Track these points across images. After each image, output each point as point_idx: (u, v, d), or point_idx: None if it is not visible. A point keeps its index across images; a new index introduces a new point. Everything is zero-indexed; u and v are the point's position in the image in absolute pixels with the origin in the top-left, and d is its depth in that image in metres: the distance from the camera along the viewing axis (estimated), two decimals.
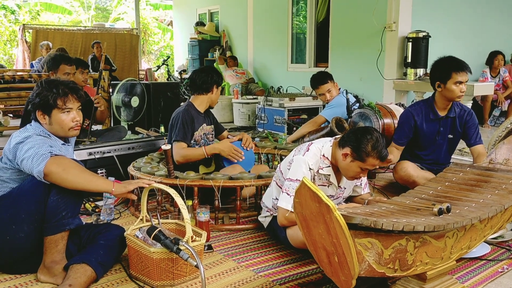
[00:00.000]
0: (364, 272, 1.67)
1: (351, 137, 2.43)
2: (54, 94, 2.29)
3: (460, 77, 3.28)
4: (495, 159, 2.65)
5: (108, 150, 3.74)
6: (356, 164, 2.41)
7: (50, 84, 2.33)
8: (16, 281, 2.25)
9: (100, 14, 20.12)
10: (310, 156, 2.50)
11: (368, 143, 2.36)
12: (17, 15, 17.54)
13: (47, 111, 2.30)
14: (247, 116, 7.52)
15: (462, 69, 3.29)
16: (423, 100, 3.69)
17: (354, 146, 2.39)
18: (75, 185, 2.12)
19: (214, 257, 2.57)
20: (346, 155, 2.42)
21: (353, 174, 2.47)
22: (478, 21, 7.59)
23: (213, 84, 3.40)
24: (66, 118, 2.32)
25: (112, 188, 2.21)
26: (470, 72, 3.33)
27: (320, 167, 2.52)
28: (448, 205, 1.95)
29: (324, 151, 2.53)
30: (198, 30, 11.13)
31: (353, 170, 2.44)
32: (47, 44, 9.48)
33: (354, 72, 7.39)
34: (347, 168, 2.45)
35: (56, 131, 2.34)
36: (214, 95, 3.44)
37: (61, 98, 2.30)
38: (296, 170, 2.47)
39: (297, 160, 2.51)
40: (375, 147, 2.36)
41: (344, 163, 2.45)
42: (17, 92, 7.04)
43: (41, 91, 2.30)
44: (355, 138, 2.40)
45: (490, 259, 2.55)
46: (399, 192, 2.53)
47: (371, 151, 2.35)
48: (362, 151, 2.36)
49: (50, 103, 2.28)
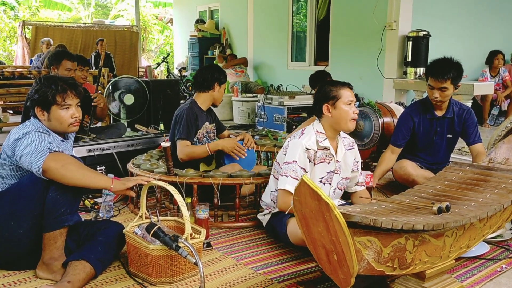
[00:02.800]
0: (363, 270, 1.67)
1: (317, 100, 2.65)
2: (53, 90, 2.28)
3: (432, 82, 3.30)
4: (494, 158, 2.65)
5: (107, 147, 3.73)
6: (340, 106, 2.56)
7: (49, 80, 2.32)
8: (15, 277, 2.25)
9: (100, 11, 20.08)
10: (305, 138, 2.58)
11: (327, 87, 2.60)
12: (16, 11, 17.52)
13: (46, 108, 2.30)
14: (246, 114, 7.52)
15: (434, 75, 3.28)
16: (420, 100, 3.69)
17: (324, 98, 2.59)
18: (74, 181, 2.12)
19: (213, 255, 2.57)
20: (328, 108, 2.58)
21: (348, 115, 2.57)
22: (478, 21, 7.58)
23: (214, 81, 3.36)
24: (65, 114, 2.32)
25: (110, 184, 2.21)
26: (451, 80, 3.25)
27: (319, 140, 2.59)
28: (447, 204, 1.95)
29: (316, 128, 2.64)
30: (198, 27, 11.12)
31: (344, 112, 2.56)
32: (48, 40, 9.47)
33: (354, 70, 7.39)
34: (340, 115, 2.57)
35: (55, 127, 2.34)
36: (216, 93, 3.40)
37: (60, 95, 2.29)
38: (292, 152, 2.55)
39: (293, 143, 2.58)
40: (333, 83, 2.63)
41: (335, 114, 2.58)
42: (17, 88, 7.03)
43: (40, 87, 2.29)
44: (318, 96, 2.64)
45: (489, 258, 2.55)
46: (399, 191, 2.52)
47: (335, 87, 2.59)
48: (330, 93, 2.57)
49: (49, 99, 2.28)
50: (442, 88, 3.27)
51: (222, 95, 3.46)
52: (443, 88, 3.27)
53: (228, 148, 3.25)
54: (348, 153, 2.75)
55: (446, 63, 3.31)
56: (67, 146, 2.44)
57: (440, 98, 3.32)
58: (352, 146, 2.80)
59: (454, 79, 3.27)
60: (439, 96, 3.31)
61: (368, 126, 4.10)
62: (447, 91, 3.29)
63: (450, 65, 3.28)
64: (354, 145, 2.83)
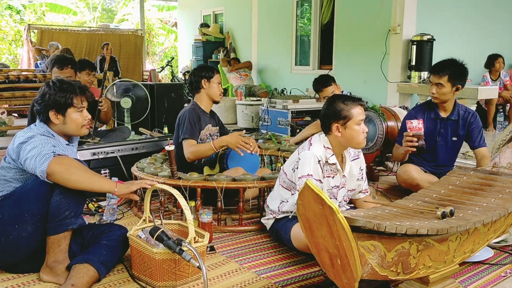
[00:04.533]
0: (366, 275, 1.67)
1: (325, 116, 2.55)
2: (71, 93, 2.32)
3: (431, 78, 3.38)
4: (499, 162, 2.64)
5: (111, 150, 3.75)
6: (352, 126, 2.48)
7: (63, 84, 2.36)
8: (18, 280, 2.26)
9: (105, 15, 20.17)
10: (315, 149, 2.53)
11: (338, 105, 2.49)
12: (22, 15, 17.62)
13: (62, 111, 2.32)
14: (250, 117, 7.53)
15: (433, 70, 3.38)
16: (425, 102, 3.73)
17: (334, 116, 2.49)
18: (78, 185, 2.13)
19: (216, 258, 2.57)
20: (337, 128, 2.50)
21: (359, 135, 2.50)
22: (483, 25, 7.58)
23: (200, 79, 3.38)
24: (80, 116, 2.37)
25: (114, 188, 2.22)
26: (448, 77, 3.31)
27: (327, 157, 2.55)
28: (451, 209, 1.94)
29: (323, 142, 2.58)
30: (203, 31, 11.15)
31: (355, 132, 2.49)
32: (56, 45, 9.50)
33: (358, 74, 7.39)
34: (351, 135, 2.50)
35: (69, 130, 2.37)
36: (208, 89, 3.40)
37: (77, 97, 2.35)
38: (305, 165, 2.48)
39: (304, 155, 2.52)
40: (344, 100, 2.50)
41: (345, 135, 2.50)
42: (22, 92, 7.07)
43: (55, 91, 2.31)
44: (328, 113, 2.53)
45: (493, 263, 2.54)
46: (403, 195, 2.53)
47: (346, 106, 2.48)
48: (341, 112, 2.48)
49: (67, 102, 2.31)
50: (438, 84, 3.35)
51: (216, 90, 3.42)
52: (439, 84, 3.34)
53: (233, 143, 3.18)
54: (353, 164, 2.72)
55: (448, 61, 3.39)
56: (72, 150, 2.45)
57: (437, 94, 3.39)
58: (357, 156, 2.76)
59: (452, 77, 3.32)
60: (435, 91, 3.38)
61: (372, 130, 4.09)
62: (443, 88, 3.35)
63: (450, 63, 3.37)
64: (359, 154, 2.78)
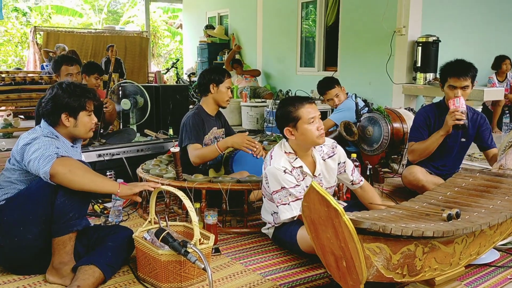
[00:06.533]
0: (372, 277, 1.67)
1: (278, 122, 2.57)
2: (86, 97, 2.36)
3: (454, 82, 3.28)
4: (505, 165, 2.64)
5: (117, 152, 3.76)
6: (302, 126, 2.47)
7: (76, 88, 2.37)
8: (25, 282, 2.27)
9: (111, 17, 20.25)
10: (276, 161, 2.52)
11: (286, 108, 2.50)
12: (28, 17, 17.73)
13: (75, 114, 2.34)
14: (255, 119, 7.53)
15: (456, 73, 3.27)
16: (435, 103, 3.71)
17: (284, 120, 2.51)
18: (81, 186, 2.13)
19: (221, 260, 2.58)
20: (290, 131, 2.50)
21: (313, 134, 2.48)
22: (488, 26, 7.55)
23: (209, 83, 3.33)
24: (89, 120, 2.41)
25: (117, 189, 2.21)
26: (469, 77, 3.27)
27: (290, 161, 2.54)
28: (457, 211, 1.94)
29: (285, 149, 2.58)
30: (208, 33, 11.16)
31: (307, 131, 2.47)
32: (63, 47, 9.55)
33: (363, 76, 7.38)
34: (305, 135, 2.48)
35: (79, 133, 2.40)
36: (216, 94, 3.35)
37: (90, 101, 2.39)
38: (275, 180, 2.49)
39: (269, 171, 2.53)
40: (292, 102, 2.50)
41: (299, 135, 2.49)
42: (28, 93, 7.12)
43: (69, 94, 2.32)
44: (278, 118, 2.55)
45: (499, 265, 2.52)
46: (408, 197, 2.52)
47: (293, 107, 2.47)
48: (289, 115, 2.48)
49: (82, 105, 2.34)
50: (465, 86, 3.28)
51: (224, 95, 3.36)
52: (465, 86, 3.28)
53: (238, 143, 3.13)
54: (329, 161, 2.68)
55: (464, 62, 3.35)
56: (76, 151, 2.46)
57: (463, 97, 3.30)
58: (332, 152, 2.70)
59: (473, 77, 3.32)
60: (461, 95, 3.28)
61: (377, 132, 4.08)
62: (468, 89, 3.30)
63: (468, 63, 3.33)
64: (335, 149, 2.70)
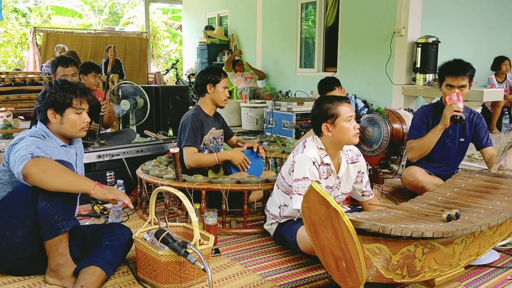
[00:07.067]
0: (372, 277, 1.67)
1: (314, 118, 2.59)
2: (70, 93, 2.32)
3: (452, 81, 3.30)
4: (504, 165, 2.63)
5: (117, 152, 3.76)
6: (340, 124, 2.50)
7: (65, 83, 2.36)
8: (24, 282, 2.27)
9: (111, 17, 20.25)
10: (310, 151, 2.53)
11: (325, 104, 2.53)
12: (28, 18, 17.71)
13: (60, 110, 2.32)
14: (255, 120, 7.53)
15: (454, 72, 3.29)
16: (433, 103, 3.71)
17: (322, 116, 2.53)
18: (55, 186, 2.07)
19: (221, 261, 2.58)
20: (327, 127, 2.52)
21: (349, 132, 2.51)
22: (487, 27, 7.56)
23: (206, 83, 3.35)
24: (78, 118, 2.36)
25: (91, 190, 2.13)
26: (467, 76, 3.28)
27: (321, 157, 2.55)
28: (457, 212, 1.94)
29: (317, 143, 2.59)
30: (207, 34, 11.16)
31: (345, 129, 2.50)
32: (62, 47, 9.54)
33: (363, 77, 7.38)
34: (341, 133, 2.51)
35: (66, 131, 2.36)
36: (213, 94, 3.37)
37: (77, 98, 2.34)
38: (301, 168, 2.49)
39: (299, 158, 2.52)
40: (330, 100, 2.54)
41: (336, 132, 2.51)
42: (28, 94, 7.11)
43: (56, 90, 2.31)
44: (316, 114, 2.57)
45: (498, 266, 2.53)
46: (408, 197, 2.52)
47: (332, 105, 2.51)
48: (328, 112, 2.51)
49: (66, 102, 2.31)
50: (462, 86, 3.29)
51: (221, 95, 3.37)
52: (463, 86, 3.29)
53: (237, 159, 3.29)
54: (351, 167, 2.71)
55: (462, 62, 3.36)
56: (68, 152, 2.42)
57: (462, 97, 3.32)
58: (356, 159, 2.74)
59: (471, 77, 3.33)
60: None
61: (377, 133, 4.09)
62: (465, 89, 3.31)
63: (466, 63, 3.35)
64: (359, 157, 2.76)
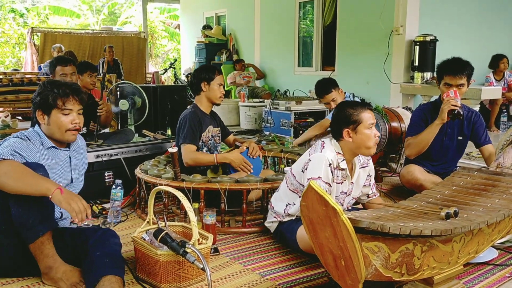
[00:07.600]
0: (370, 276, 1.67)
1: (336, 122, 2.57)
2: (54, 93, 2.28)
3: (450, 80, 3.29)
4: (502, 163, 2.64)
5: (115, 152, 3.75)
6: (362, 130, 2.48)
7: (52, 84, 2.34)
8: (24, 283, 2.26)
9: (108, 17, 20.23)
10: (328, 152, 2.51)
11: (347, 110, 2.51)
12: (25, 18, 17.68)
13: (47, 111, 2.30)
14: (253, 119, 7.53)
15: (452, 71, 3.28)
16: (432, 101, 3.71)
17: (344, 121, 2.50)
18: (15, 189, 2.02)
19: (220, 260, 2.58)
20: (348, 133, 2.50)
21: (370, 140, 2.49)
22: (485, 26, 7.57)
23: (200, 81, 3.37)
24: (64, 119, 2.31)
25: (50, 194, 2.02)
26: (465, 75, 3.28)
27: (338, 162, 2.53)
28: (455, 209, 1.94)
29: (335, 148, 2.56)
30: (205, 33, 11.16)
31: (366, 136, 2.48)
32: (59, 47, 9.53)
33: (361, 75, 7.39)
34: (361, 139, 2.48)
35: (53, 132, 2.33)
36: (208, 92, 3.38)
37: (61, 98, 2.29)
38: (316, 167, 2.46)
39: (315, 157, 2.50)
40: (353, 106, 2.51)
41: (357, 138, 2.49)
42: (26, 94, 7.11)
43: (43, 90, 2.30)
44: (338, 118, 2.55)
45: (497, 264, 2.53)
46: (406, 196, 2.52)
47: (355, 111, 2.49)
48: (351, 117, 2.48)
49: (49, 102, 2.28)
50: (460, 84, 3.29)
51: (216, 92, 3.39)
52: (461, 84, 3.29)
53: (236, 163, 3.29)
54: (362, 171, 2.71)
55: (460, 60, 3.35)
56: (57, 155, 2.37)
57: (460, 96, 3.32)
58: (366, 164, 2.74)
59: (469, 76, 3.32)
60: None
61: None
62: (463, 87, 3.31)
63: (464, 62, 3.34)
64: (368, 162, 2.76)
